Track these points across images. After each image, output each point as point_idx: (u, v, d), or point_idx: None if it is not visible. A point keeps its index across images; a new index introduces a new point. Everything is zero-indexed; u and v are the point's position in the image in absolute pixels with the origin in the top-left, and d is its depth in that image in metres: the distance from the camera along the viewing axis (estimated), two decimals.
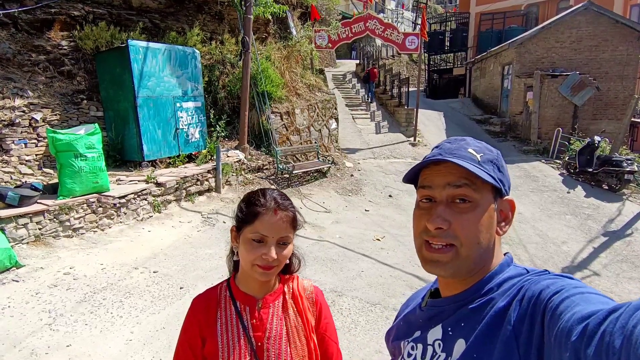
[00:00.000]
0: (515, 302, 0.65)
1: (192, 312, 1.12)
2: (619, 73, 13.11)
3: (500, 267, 0.73)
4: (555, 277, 0.65)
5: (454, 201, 0.71)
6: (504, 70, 15.67)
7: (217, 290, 1.15)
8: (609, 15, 13.11)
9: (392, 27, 12.77)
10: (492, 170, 0.73)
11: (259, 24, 10.80)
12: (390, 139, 12.93)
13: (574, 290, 0.58)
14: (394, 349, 0.88)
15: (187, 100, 7.83)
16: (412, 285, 4.78)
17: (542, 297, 0.61)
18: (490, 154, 0.75)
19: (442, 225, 0.70)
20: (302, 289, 1.20)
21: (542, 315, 0.59)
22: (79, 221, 5.09)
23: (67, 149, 5.07)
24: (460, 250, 0.70)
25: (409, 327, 0.85)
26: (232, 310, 1.10)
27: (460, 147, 0.75)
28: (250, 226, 1.05)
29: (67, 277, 4.12)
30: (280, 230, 1.05)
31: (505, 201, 0.75)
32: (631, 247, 6.88)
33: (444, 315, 0.75)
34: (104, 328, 3.34)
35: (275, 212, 1.06)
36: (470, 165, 0.70)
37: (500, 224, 0.74)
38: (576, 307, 0.55)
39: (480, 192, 0.71)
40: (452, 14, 24.80)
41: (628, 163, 9.27)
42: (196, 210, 6.59)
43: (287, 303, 1.14)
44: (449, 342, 0.72)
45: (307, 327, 1.14)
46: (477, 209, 0.70)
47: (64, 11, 7.50)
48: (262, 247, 1.03)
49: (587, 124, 12.77)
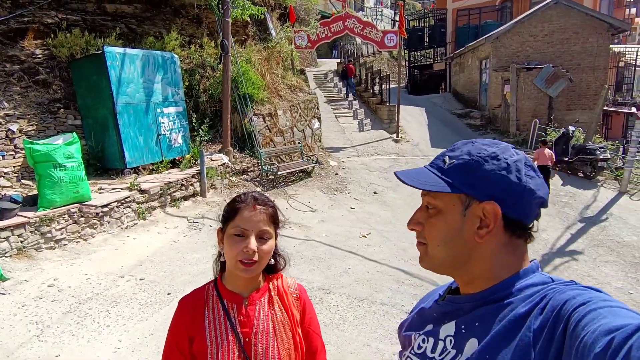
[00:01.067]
0: (537, 309, 0.64)
1: (179, 312, 1.15)
2: (591, 64, 13.54)
3: (524, 273, 0.72)
4: (583, 289, 0.63)
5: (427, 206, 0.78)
6: (481, 64, 15.99)
7: (204, 290, 1.19)
8: (578, 9, 13.52)
9: (370, 26, 12.90)
10: (457, 177, 0.72)
11: (237, 27, 10.77)
12: (374, 137, 13.07)
13: (601, 304, 0.57)
14: (404, 340, 0.88)
15: (168, 106, 7.78)
16: (398, 280, 4.89)
17: (567, 308, 0.59)
18: (465, 158, 0.73)
19: (415, 227, 0.79)
20: (287, 286, 1.25)
21: (565, 325, 0.58)
22: (61, 232, 5.03)
23: (46, 160, 5.00)
24: (427, 249, 0.77)
25: (422, 320, 0.85)
26: (219, 308, 1.14)
27: (443, 153, 0.79)
28: (232, 222, 1.11)
29: (52, 289, 4.08)
30: (259, 224, 1.11)
31: (487, 206, 0.70)
32: (606, 232, 7.15)
33: (460, 312, 0.75)
34: (91, 338, 3.33)
35: (254, 206, 1.12)
36: (422, 176, 0.76)
37: (480, 230, 0.71)
38: (603, 320, 0.53)
39: (440, 199, 0.74)
40: (430, 10, 25.12)
41: (601, 151, 9.61)
42: (182, 215, 6.56)
43: (272, 299, 1.19)
44: (460, 339, 0.72)
45: (292, 322, 1.19)
46: (439, 215, 0.75)
47: (37, 19, 7.35)
48: (242, 242, 1.08)
49: (562, 115, 13.16)
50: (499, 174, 0.71)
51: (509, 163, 0.71)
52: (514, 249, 0.73)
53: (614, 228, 7.30)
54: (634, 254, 6.36)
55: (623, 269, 5.95)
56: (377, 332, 3.70)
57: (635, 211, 8.07)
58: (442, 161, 0.77)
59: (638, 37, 27.14)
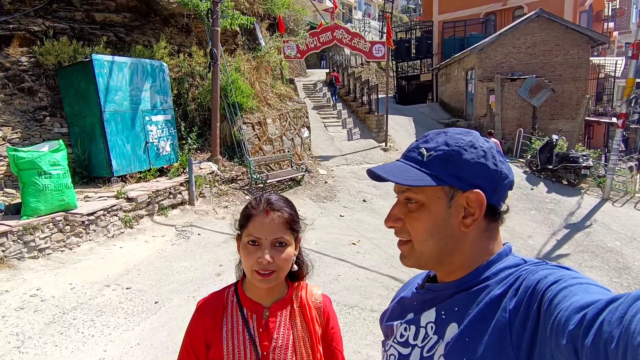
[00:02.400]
0: (511, 290, 0.65)
1: (199, 315, 1.10)
2: (572, 75, 13.96)
3: (498, 256, 0.74)
4: (553, 268, 0.65)
5: (406, 201, 0.76)
6: (467, 75, 16.34)
7: (223, 294, 1.13)
8: (559, 22, 13.98)
9: (359, 36, 13.10)
10: (439, 168, 0.72)
11: (227, 36, 10.83)
12: (362, 145, 13.18)
13: (572, 281, 0.58)
14: (387, 330, 0.88)
15: (156, 114, 7.74)
16: (388, 287, 4.89)
17: (540, 287, 0.61)
18: (444, 149, 0.73)
19: (394, 224, 0.76)
20: (311, 297, 1.17)
21: (539, 304, 0.59)
22: (45, 241, 4.92)
23: (30, 167, 4.91)
24: (414, 246, 0.75)
25: (403, 309, 0.86)
26: (238, 317, 1.08)
27: (417, 146, 0.77)
28: (245, 230, 1.05)
29: (34, 299, 3.97)
30: (273, 231, 1.03)
31: (471, 195, 0.71)
32: (590, 238, 7.30)
33: (439, 299, 0.76)
34: (75, 348, 3.25)
35: (267, 212, 1.05)
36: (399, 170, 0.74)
37: (465, 219, 0.72)
38: (574, 297, 0.54)
39: (423, 192, 0.73)
40: (417, 22, 25.70)
41: (584, 159, 9.86)
42: (170, 223, 6.49)
43: (294, 312, 1.12)
44: (441, 325, 0.73)
45: (314, 338, 1.12)
46: (422, 208, 0.73)
47: (23, 26, 7.29)
48: (257, 251, 1.02)
49: (545, 124, 13.49)
50: (478, 162, 0.72)
51: (485, 150, 0.73)
52: (491, 234, 0.75)
53: (597, 234, 7.46)
54: (617, 259, 6.50)
55: (607, 274, 6.07)
56: (367, 338, 3.69)
57: (618, 217, 8.27)
58: (419, 154, 0.75)
59: (616, 50, 28.14)
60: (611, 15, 26.95)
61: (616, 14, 28.77)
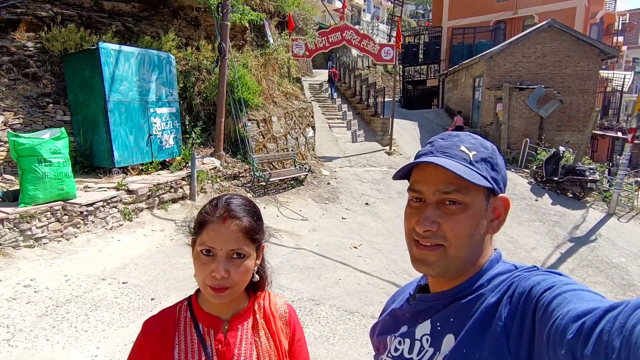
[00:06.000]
0: (505, 298, 0.64)
1: (144, 337, 0.95)
2: (581, 87, 13.85)
3: (490, 264, 0.73)
4: (545, 274, 0.64)
5: (444, 202, 0.70)
6: (474, 82, 16.24)
7: (175, 310, 0.99)
8: (571, 33, 13.88)
9: (368, 38, 13.01)
10: (485, 170, 0.71)
11: (235, 31, 10.74)
12: (366, 148, 13.07)
13: (565, 287, 0.58)
14: (379, 344, 0.86)
15: (161, 106, 7.64)
16: (389, 293, 4.77)
17: (533, 294, 0.60)
18: (484, 151, 0.73)
19: (430, 228, 0.70)
20: (275, 307, 1.07)
21: (534, 311, 0.58)
22: (42, 230, 4.81)
23: (30, 154, 4.80)
24: (448, 251, 0.70)
25: (395, 321, 0.83)
26: (193, 334, 0.95)
27: (452, 144, 0.73)
28: (199, 237, 0.92)
29: (28, 289, 3.87)
30: (230, 242, 0.90)
31: (499, 199, 0.73)
32: (595, 253, 7.19)
33: (433, 310, 0.74)
34: (67, 344, 3.14)
35: (224, 220, 0.91)
36: (460, 166, 0.69)
37: (493, 223, 0.73)
38: (570, 304, 0.54)
39: (470, 194, 0.69)
40: (425, 27, 25.58)
41: (590, 172, 9.75)
42: (169, 218, 6.38)
43: (257, 324, 1.01)
44: (437, 337, 0.71)
45: (280, 352, 1.01)
46: (466, 211, 0.69)
47: (31, 11, 7.19)
48: (211, 263, 0.89)
49: (552, 135, 13.38)
50: (503, 166, 0.75)
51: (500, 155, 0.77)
52: (490, 239, 0.76)
53: (602, 249, 7.34)
54: (622, 276, 6.40)
55: (612, 290, 5.96)
56: (367, 346, 3.58)
57: (624, 233, 8.16)
58: (461, 151, 0.71)
59: (624, 64, 28.06)
60: (621, 30, 26.87)
61: (626, 28, 28.68)
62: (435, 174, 0.70)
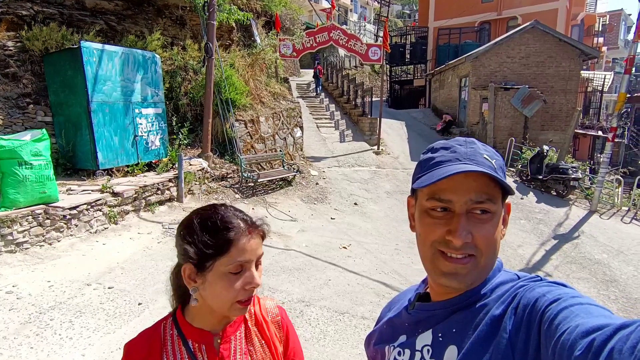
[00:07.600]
0: (510, 309, 0.63)
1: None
2: (563, 87, 14.14)
3: (493, 272, 0.71)
4: (550, 285, 0.64)
5: (473, 211, 0.68)
6: (461, 82, 16.43)
7: (159, 328, 0.94)
8: (553, 34, 14.15)
9: (355, 38, 13.03)
10: (503, 177, 0.71)
11: (222, 31, 10.63)
12: (355, 148, 13.10)
13: (572, 300, 0.57)
14: (375, 353, 0.84)
15: (146, 107, 7.51)
16: (379, 293, 4.80)
17: (539, 306, 0.59)
18: (498, 159, 0.72)
19: (467, 240, 0.68)
20: (266, 312, 1.04)
21: (539, 324, 0.57)
22: (23, 235, 4.68)
23: (10, 156, 4.66)
24: (479, 261, 0.68)
25: (393, 331, 0.81)
26: (182, 353, 0.90)
27: (475, 152, 0.71)
28: (225, 257, 0.86)
29: (10, 296, 3.76)
30: (258, 250, 0.91)
31: (507, 204, 0.74)
32: (578, 249, 7.36)
33: (434, 320, 0.72)
34: (51, 351, 3.06)
35: (250, 232, 0.90)
36: (497, 176, 0.68)
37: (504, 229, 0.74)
38: (577, 319, 0.52)
39: (497, 202, 0.70)
40: (412, 27, 25.76)
41: (573, 170, 9.96)
42: (156, 220, 6.28)
43: (250, 332, 0.98)
44: (439, 348, 0.69)
45: (275, 358, 0.99)
46: (494, 219, 0.69)
47: (11, 10, 6.99)
48: (239, 278, 0.87)
49: (536, 134, 13.63)
50: None
51: None
52: None
53: (585, 246, 7.51)
54: (605, 272, 6.55)
55: (595, 286, 6.10)
56: (358, 347, 3.58)
57: (605, 230, 8.36)
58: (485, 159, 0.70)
59: (604, 64, 28.78)
60: (601, 31, 27.54)
61: (606, 29, 29.42)
62: (467, 183, 0.67)
